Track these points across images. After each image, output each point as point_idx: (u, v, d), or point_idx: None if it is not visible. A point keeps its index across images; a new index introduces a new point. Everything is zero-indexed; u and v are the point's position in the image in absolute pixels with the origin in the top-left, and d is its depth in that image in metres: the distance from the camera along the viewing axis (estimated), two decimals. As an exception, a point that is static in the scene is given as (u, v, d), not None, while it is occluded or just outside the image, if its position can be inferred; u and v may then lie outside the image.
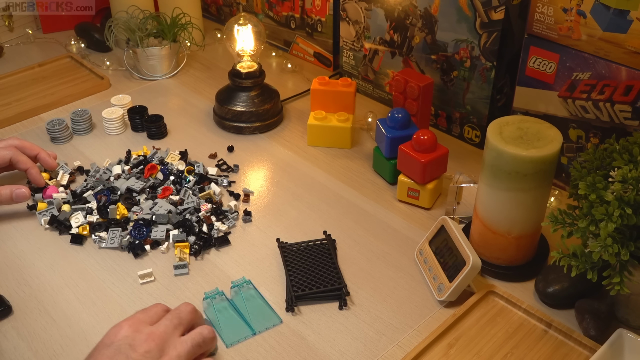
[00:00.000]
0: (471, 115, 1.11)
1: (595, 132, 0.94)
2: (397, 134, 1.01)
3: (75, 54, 1.43)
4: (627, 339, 0.73)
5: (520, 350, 0.77)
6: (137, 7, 1.33)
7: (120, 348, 0.65)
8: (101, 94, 1.30)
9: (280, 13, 1.43)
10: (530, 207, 0.81)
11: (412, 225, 0.97)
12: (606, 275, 0.70)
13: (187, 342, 0.69)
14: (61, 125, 1.14)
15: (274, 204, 1.01)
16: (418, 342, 0.78)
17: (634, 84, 0.87)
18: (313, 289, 0.84)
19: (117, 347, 0.66)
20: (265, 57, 1.43)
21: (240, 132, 1.18)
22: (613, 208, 0.68)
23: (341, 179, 1.06)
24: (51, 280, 0.87)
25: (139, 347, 0.66)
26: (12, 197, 0.92)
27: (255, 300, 0.83)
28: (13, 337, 0.79)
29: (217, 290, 0.84)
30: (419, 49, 1.14)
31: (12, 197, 0.92)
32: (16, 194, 0.92)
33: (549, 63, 0.95)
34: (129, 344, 0.66)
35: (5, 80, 1.33)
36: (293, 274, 0.86)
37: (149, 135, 1.16)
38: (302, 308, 0.83)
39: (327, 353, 0.77)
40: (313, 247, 0.91)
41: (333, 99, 1.13)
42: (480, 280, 0.87)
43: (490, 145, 0.79)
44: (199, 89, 1.32)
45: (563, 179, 1.01)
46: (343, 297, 0.83)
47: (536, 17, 0.94)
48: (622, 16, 0.85)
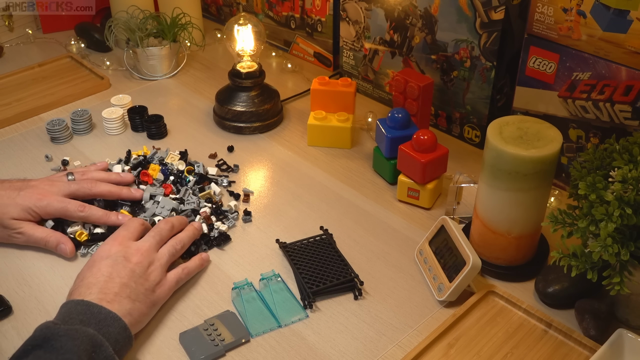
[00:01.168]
0: (471, 115, 1.11)
1: (595, 132, 0.94)
2: (397, 134, 1.01)
3: (75, 54, 1.43)
4: (627, 339, 0.73)
5: (520, 350, 0.77)
6: (137, 7, 1.33)
7: (117, 259, 0.79)
8: (101, 94, 1.30)
9: (280, 13, 1.43)
10: (530, 207, 0.81)
11: (412, 225, 0.97)
12: (606, 275, 0.70)
13: (165, 254, 0.84)
14: (61, 125, 1.14)
15: (274, 204, 1.01)
16: (418, 342, 0.78)
17: (634, 84, 0.87)
18: (327, 283, 0.84)
19: (114, 259, 0.79)
20: (265, 57, 1.43)
21: (240, 132, 1.18)
22: (613, 208, 0.68)
23: (341, 179, 1.06)
24: (51, 280, 0.87)
25: (132, 258, 0.80)
26: (57, 249, 0.89)
27: (283, 293, 0.84)
28: (13, 337, 0.79)
29: (247, 281, 0.85)
30: (419, 49, 1.14)
31: (56, 249, 0.89)
32: (60, 248, 0.89)
33: (549, 63, 0.95)
34: (123, 256, 0.80)
35: (5, 80, 1.33)
36: (303, 271, 0.86)
37: (149, 135, 1.16)
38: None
39: (327, 353, 0.77)
40: (314, 243, 0.92)
41: (333, 99, 1.13)
42: (480, 280, 0.87)
43: (490, 145, 0.79)
44: (199, 89, 1.32)
45: (563, 179, 1.01)
46: (357, 287, 0.84)
47: (536, 17, 0.94)
48: (622, 16, 0.85)
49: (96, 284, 0.76)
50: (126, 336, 0.73)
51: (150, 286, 0.80)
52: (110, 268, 0.78)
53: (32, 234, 0.89)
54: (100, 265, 0.79)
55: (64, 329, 0.68)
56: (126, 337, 0.73)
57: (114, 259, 0.79)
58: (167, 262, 0.84)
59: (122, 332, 0.73)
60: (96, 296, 0.74)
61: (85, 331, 0.69)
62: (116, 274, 0.78)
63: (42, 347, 0.67)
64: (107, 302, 0.74)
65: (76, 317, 0.71)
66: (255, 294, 0.84)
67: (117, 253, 0.80)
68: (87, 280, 0.77)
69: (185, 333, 0.79)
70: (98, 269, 0.78)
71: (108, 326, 0.72)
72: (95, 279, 0.77)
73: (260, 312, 0.82)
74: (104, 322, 0.72)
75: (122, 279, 0.77)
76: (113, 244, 0.82)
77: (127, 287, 0.77)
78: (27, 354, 0.67)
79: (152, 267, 0.81)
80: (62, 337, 0.67)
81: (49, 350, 0.66)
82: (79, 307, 0.73)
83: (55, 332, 0.68)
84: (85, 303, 0.73)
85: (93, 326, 0.71)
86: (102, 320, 0.72)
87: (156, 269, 0.82)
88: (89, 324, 0.71)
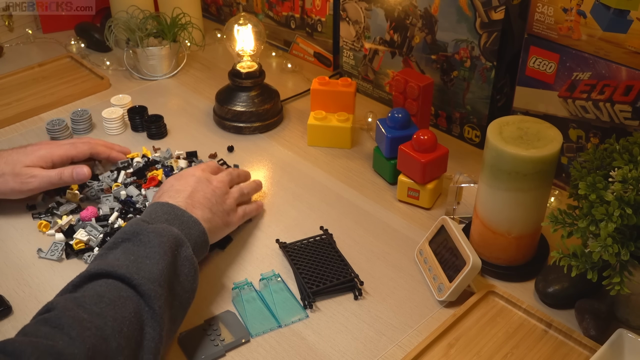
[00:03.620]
0: (471, 115, 1.11)
1: (595, 132, 0.94)
2: (397, 134, 1.01)
3: (75, 54, 1.43)
4: (627, 339, 0.73)
5: (520, 350, 0.77)
6: (137, 7, 1.33)
7: (202, 179, 0.88)
8: (101, 94, 1.30)
9: (280, 13, 1.43)
10: (530, 207, 0.81)
11: (412, 225, 0.97)
12: (606, 275, 0.70)
13: (236, 191, 0.93)
14: (61, 125, 1.14)
15: (274, 204, 1.01)
16: (418, 342, 0.78)
17: (634, 84, 0.87)
18: (327, 283, 0.84)
19: (199, 178, 0.88)
20: (265, 57, 1.43)
21: (240, 132, 1.18)
22: (613, 208, 0.68)
23: (341, 179, 1.06)
24: (51, 280, 0.87)
25: (213, 182, 0.89)
26: (73, 175, 0.96)
27: (283, 293, 0.84)
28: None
29: (247, 281, 0.85)
30: (419, 49, 1.14)
31: (73, 176, 0.96)
32: (76, 172, 0.96)
33: (549, 63, 0.95)
34: (207, 179, 0.89)
35: (5, 80, 1.33)
36: (303, 271, 0.86)
37: (149, 135, 1.16)
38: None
39: (327, 353, 0.77)
40: (314, 243, 0.92)
41: (333, 99, 1.13)
42: (480, 280, 0.87)
43: (490, 145, 0.79)
44: (199, 89, 1.32)
45: (563, 179, 1.01)
46: (357, 287, 0.84)
47: (536, 17, 0.94)
48: (622, 16, 0.85)
49: (184, 191, 0.85)
50: (203, 240, 0.81)
51: (226, 209, 0.88)
52: (196, 183, 0.87)
53: (46, 173, 0.94)
54: (188, 179, 0.87)
55: (152, 227, 0.76)
56: (203, 241, 0.81)
57: (198, 177, 0.88)
58: (237, 198, 0.92)
59: (201, 236, 0.81)
60: (183, 201, 0.83)
61: (170, 230, 0.76)
62: (201, 189, 0.86)
63: (131, 240, 0.74)
64: (192, 207, 0.83)
65: (162, 216, 0.79)
66: (255, 294, 0.84)
67: (201, 175, 0.89)
68: (176, 187, 0.85)
69: (185, 333, 0.79)
70: (186, 181, 0.87)
71: (189, 228, 0.80)
72: (183, 187, 0.85)
73: (260, 312, 0.82)
74: (187, 224, 0.80)
75: (205, 194, 0.86)
76: (196, 170, 0.90)
77: (209, 201, 0.86)
78: (117, 245, 0.74)
79: (227, 195, 0.90)
80: (150, 233, 0.74)
81: (137, 243, 0.74)
82: (164, 207, 0.81)
83: (144, 228, 0.75)
84: (170, 205, 0.81)
85: (177, 226, 0.78)
86: (185, 222, 0.80)
87: (230, 198, 0.90)
88: (173, 223, 0.79)
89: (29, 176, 0.93)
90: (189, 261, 0.76)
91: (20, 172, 0.92)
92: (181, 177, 0.88)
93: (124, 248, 0.73)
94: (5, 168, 0.92)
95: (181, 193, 0.84)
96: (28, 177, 0.93)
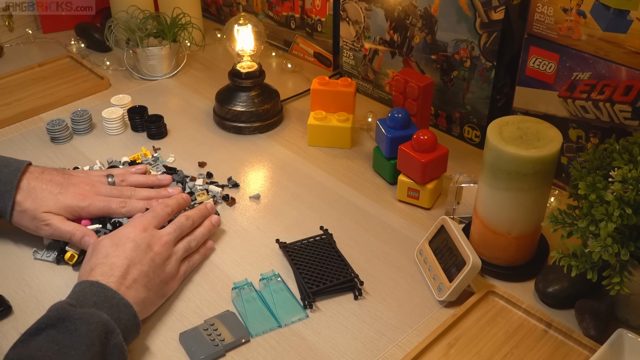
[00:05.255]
0: (471, 115, 1.11)
1: (595, 132, 0.94)
2: (397, 134, 1.01)
3: (75, 54, 1.43)
4: (627, 339, 0.73)
5: (520, 350, 0.77)
6: (137, 7, 1.33)
7: (141, 245, 0.81)
8: (101, 94, 1.30)
9: (280, 13, 1.43)
10: (530, 207, 0.81)
11: (412, 225, 0.97)
12: (606, 275, 0.70)
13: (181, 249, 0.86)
14: (61, 125, 1.14)
15: (274, 204, 1.01)
16: (418, 342, 0.78)
17: (634, 84, 0.87)
18: (327, 283, 0.84)
19: (138, 244, 0.81)
20: (265, 57, 1.43)
21: (240, 132, 1.18)
22: (613, 208, 0.68)
23: (341, 179, 1.06)
24: (51, 280, 0.87)
25: (154, 247, 0.82)
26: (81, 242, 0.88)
27: (283, 293, 0.84)
28: (13, 337, 0.78)
29: (247, 281, 0.85)
30: (419, 49, 1.14)
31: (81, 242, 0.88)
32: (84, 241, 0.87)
33: (549, 63, 0.95)
34: (147, 243, 0.81)
35: (5, 80, 1.33)
36: (303, 271, 0.86)
37: (149, 135, 1.16)
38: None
39: (327, 353, 0.77)
40: (314, 243, 0.92)
41: (333, 99, 1.13)
42: (480, 280, 0.87)
43: (490, 145, 0.79)
44: (199, 89, 1.32)
45: (563, 179, 1.01)
46: (357, 287, 0.84)
47: (536, 17, 0.94)
48: (622, 16, 0.85)
49: (118, 267, 0.77)
50: (134, 324, 0.75)
51: (165, 278, 0.82)
52: (133, 252, 0.80)
53: (59, 227, 0.88)
54: (125, 247, 0.80)
55: (79, 312, 0.69)
56: (135, 325, 0.75)
57: (137, 243, 0.81)
58: (181, 257, 0.86)
59: (131, 320, 0.74)
60: (116, 281, 0.76)
61: (99, 315, 0.70)
62: (138, 260, 0.79)
63: (57, 327, 0.68)
64: (125, 288, 0.76)
65: (91, 298, 0.73)
66: (255, 294, 0.84)
67: (142, 239, 0.82)
68: (111, 260, 0.78)
69: (185, 333, 0.79)
70: (123, 250, 0.80)
71: (120, 312, 0.73)
72: (118, 261, 0.78)
73: (260, 312, 0.82)
74: (117, 308, 0.73)
75: (142, 267, 0.79)
76: (138, 228, 0.83)
77: (146, 275, 0.79)
78: (40, 332, 0.68)
79: (169, 260, 0.83)
80: (77, 320, 0.68)
81: (63, 331, 0.68)
82: (93, 288, 0.74)
83: (71, 313, 0.69)
84: (100, 285, 0.74)
85: (106, 310, 0.72)
86: (115, 305, 0.74)
87: (172, 262, 0.84)
88: (102, 307, 0.72)
89: (44, 223, 0.87)
90: (118, 349, 0.70)
91: (38, 216, 0.87)
92: (119, 244, 0.80)
93: (48, 336, 0.67)
94: (29, 205, 0.87)
95: (115, 270, 0.77)
96: (43, 223, 0.88)
